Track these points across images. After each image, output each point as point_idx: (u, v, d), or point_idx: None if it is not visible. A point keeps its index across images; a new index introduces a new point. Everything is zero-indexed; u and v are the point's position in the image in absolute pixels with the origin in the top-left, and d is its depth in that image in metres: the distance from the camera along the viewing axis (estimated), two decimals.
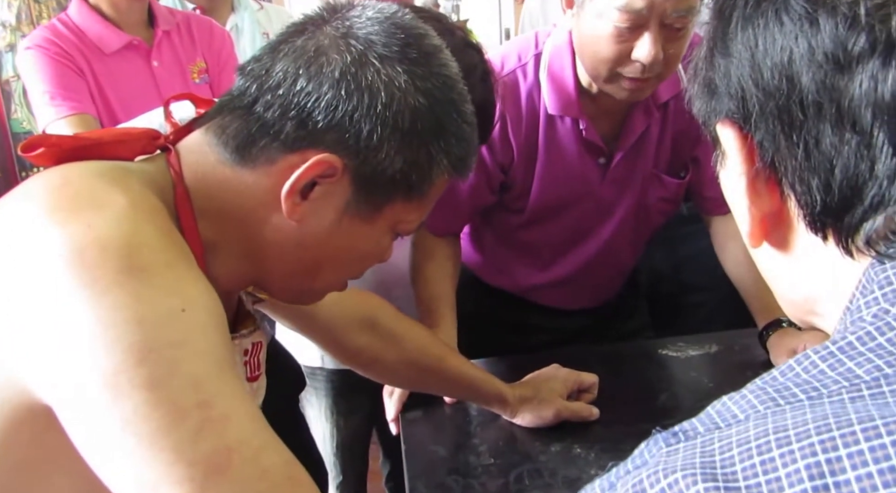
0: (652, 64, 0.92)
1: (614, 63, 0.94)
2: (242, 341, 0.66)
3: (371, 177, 0.56)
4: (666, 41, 0.92)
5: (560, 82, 1.04)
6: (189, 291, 0.48)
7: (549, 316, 1.26)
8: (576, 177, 1.10)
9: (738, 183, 0.38)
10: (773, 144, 0.36)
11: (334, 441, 1.32)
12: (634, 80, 0.94)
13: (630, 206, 1.14)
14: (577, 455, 0.87)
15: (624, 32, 0.91)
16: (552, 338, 1.26)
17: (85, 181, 0.50)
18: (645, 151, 1.09)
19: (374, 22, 0.57)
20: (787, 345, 1.00)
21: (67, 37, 1.38)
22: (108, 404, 0.44)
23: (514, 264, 1.24)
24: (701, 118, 0.41)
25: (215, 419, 0.45)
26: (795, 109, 0.34)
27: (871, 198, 0.33)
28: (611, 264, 1.22)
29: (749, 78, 0.36)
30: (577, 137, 1.07)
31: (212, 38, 1.56)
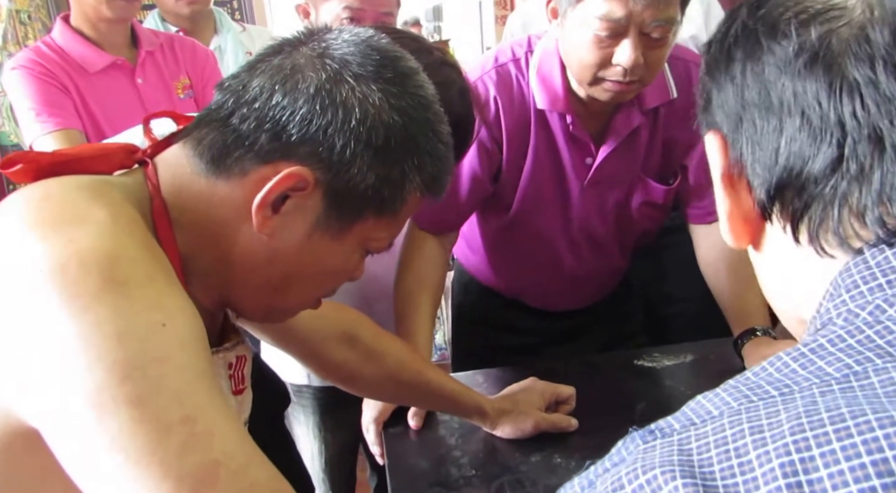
0: (632, 68, 0.96)
1: (597, 67, 0.98)
2: (226, 355, 0.66)
3: (343, 192, 0.57)
4: (646, 48, 0.96)
5: (548, 80, 1.08)
6: (169, 305, 0.49)
7: (541, 318, 1.28)
8: (563, 173, 1.13)
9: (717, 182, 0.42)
10: (740, 140, 0.40)
11: (322, 458, 1.32)
12: (616, 83, 0.99)
13: (615, 207, 1.16)
14: (558, 465, 0.88)
15: (605, 40, 0.96)
16: (544, 340, 1.28)
17: (65, 195, 0.51)
18: (633, 154, 1.12)
19: (350, 44, 0.58)
20: (761, 353, 1.02)
21: (51, 57, 1.40)
22: (94, 423, 0.44)
23: (503, 264, 1.26)
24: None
25: (200, 434, 0.46)
26: (754, 111, 0.39)
27: (806, 185, 0.37)
28: (598, 264, 1.24)
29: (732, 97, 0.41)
30: (565, 132, 1.10)
31: (195, 56, 1.58)
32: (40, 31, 2.50)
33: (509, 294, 1.30)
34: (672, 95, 1.10)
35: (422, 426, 1.00)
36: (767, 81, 0.39)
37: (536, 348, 1.28)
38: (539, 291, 1.27)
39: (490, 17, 3.83)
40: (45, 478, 0.50)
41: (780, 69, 0.39)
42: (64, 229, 0.47)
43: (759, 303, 1.09)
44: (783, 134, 0.38)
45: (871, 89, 0.36)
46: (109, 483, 0.45)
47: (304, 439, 1.32)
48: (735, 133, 0.41)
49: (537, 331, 1.30)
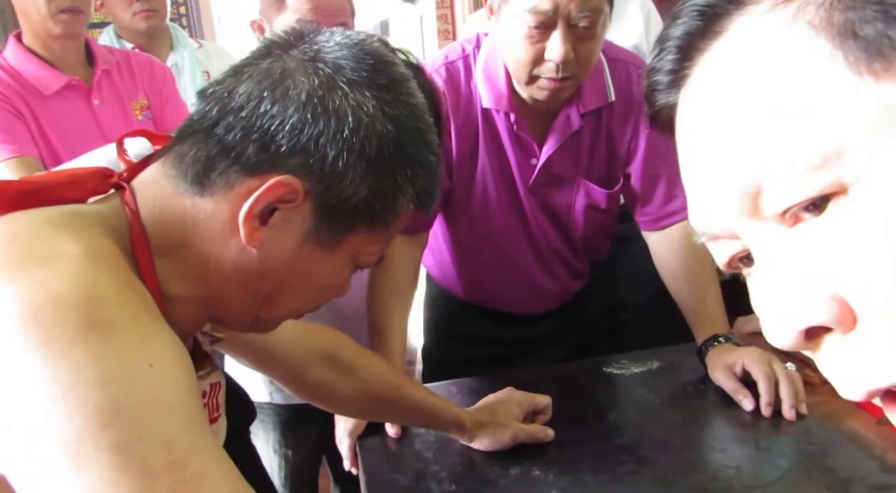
0: (564, 63, 1.00)
1: (530, 64, 1.02)
2: (201, 383, 0.64)
3: (334, 204, 0.55)
4: (575, 41, 1.00)
5: (493, 79, 1.11)
6: (155, 345, 0.46)
7: (509, 326, 1.31)
8: (510, 173, 1.16)
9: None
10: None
11: (282, 472, 1.32)
12: (551, 80, 1.02)
13: (560, 210, 1.20)
14: (537, 478, 0.89)
15: (534, 33, 0.99)
16: (513, 350, 1.30)
17: (33, 232, 0.47)
18: (576, 156, 1.16)
19: (343, 47, 0.56)
20: (724, 361, 1.06)
21: (4, 80, 1.36)
22: (70, 474, 0.41)
23: (464, 266, 1.28)
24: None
25: (189, 480, 0.43)
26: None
27: None
28: (554, 266, 1.27)
29: None
30: (510, 132, 1.13)
31: (153, 73, 1.56)
32: None
33: (475, 299, 1.32)
34: (610, 98, 1.14)
35: (400, 434, 1.00)
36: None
37: (506, 358, 1.30)
38: (501, 293, 1.29)
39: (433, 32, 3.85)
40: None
41: None
42: (34, 271, 0.44)
43: (720, 309, 1.13)
44: None
45: None
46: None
47: (265, 454, 1.32)
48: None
49: (506, 341, 1.32)
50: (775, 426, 0.97)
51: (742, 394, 1.01)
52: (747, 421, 0.99)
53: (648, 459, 0.91)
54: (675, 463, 0.90)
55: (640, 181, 1.19)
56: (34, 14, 1.38)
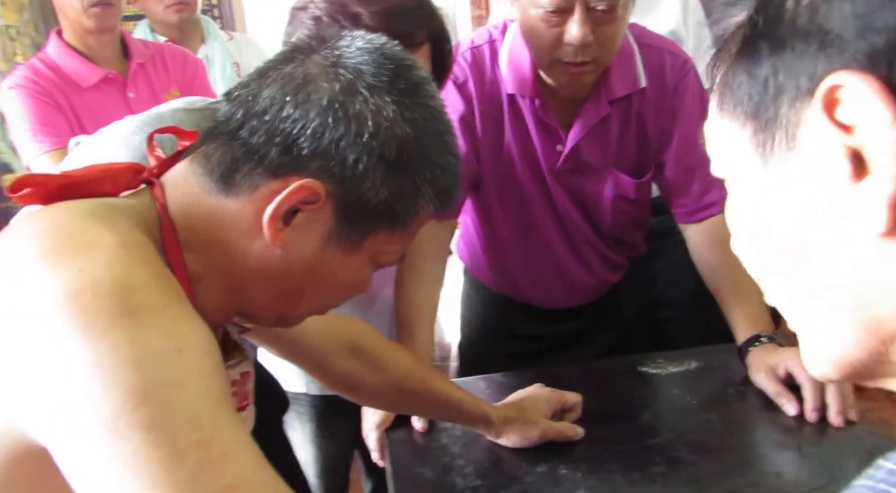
0: (583, 46, 0.97)
1: (550, 47, 1.00)
2: (230, 372, 0.66)
3: (355, 206, 0.56)
4: (595, 24, 0.97)
5: (518, 64, 1.09)
6: (184, 330, 0.48)
7: (544, 321, 1.29)
8: (536, 159, 1.14)
9: (883, 140, 0.29)
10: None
11: (318, 464, 1.32)
12: (571, 64, 1.00)
13: (588, 198, 1.17)
14: (564, 476, 0.88)
15: (552, 17, 0.97)
16: (548, 346, 1.29)
17: (74, 223, 0.50)
18: (604, 144, 1.13)
19: (364, 52, 0.57)
20: (766, 362, 1.02)
21: (46, 74, 1.42)
22: (108, 447, 0.44)
23: (495, 257, 1.27)
24: (784, 81, 0.33)
25: (215, 459, 0.45)
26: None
27: None
28: (585, 256, 1.24)
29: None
30: (535, 118, 1.11)
31: (185, 66, 1.59)
32: (29, 47, 2.49)
33: (507, 292, 1.30)
34: (640, 84, 1.11)
35: (427, 428, 0.99)
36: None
37: (540, 354, 1.28)
38: (533, 284, 1.27)
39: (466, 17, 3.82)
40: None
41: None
42: (75, 259, 0.47)
43: (763, 307, 1.08)
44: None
45: None
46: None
47: (300, 445, 1.32)
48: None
49: (540, 336, 1.30)
50: (821, 432, 0.93)
51: (785, 398, 0.97)
52: (790, 426, 0.95)
53: (682, 460, 0.89)
54: (710, 466, 0.87)
55: (675, 171, 1.15)
56: (70, 10, 1.43)
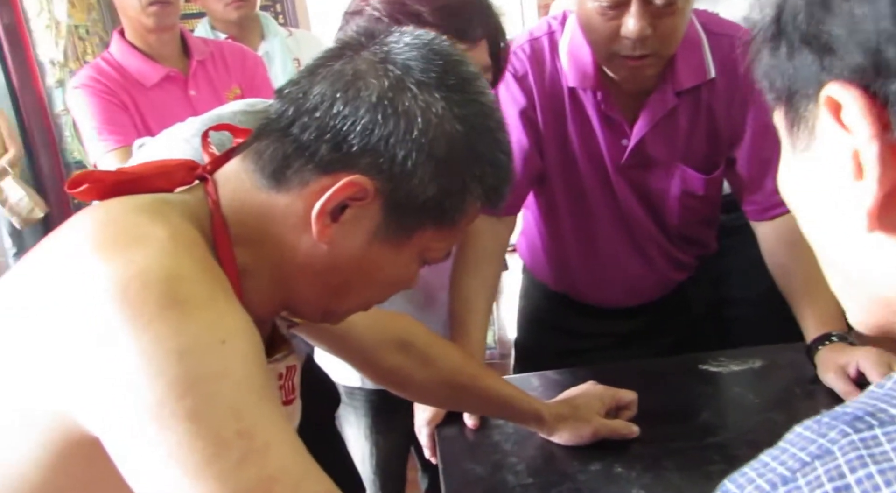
0: (641, 40, 0.93)
1: (607, 41, 0.97)
2: (277, 366, 0.67)
3: (403, 203, 0.56)
4: (654, 17, 0.93)
5: (578, 57, 1.06)
6: (228, 323, 0.49)
7: (603, 319, 1.26)
8: (599, 154, 1.11)
9: (867, 150, 0.31)
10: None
11: (374, 459, 1.32)
12: (629, 58, 0.96)
13: (654, 195, 1.13)
14: (618, 475, 0.86)
15: (608, 10, 0.94)
16: (607, 343, 1.25)
17: (127, 217, 0.52)
18: (672, 138, 1.09)
19: (413, 48, 0.57)
20: (836, 361, 0.97)
21: (110, 74, 1.46)
22: (153, 437, 0.45)
23: (555, 255, 1.24)
24: (792, 84, 0.36)
25: (257, 449, 0.46)
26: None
27: None
28: (648, 255, 1.20)
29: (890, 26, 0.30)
30: (598, 112, 1.08)
31: (244, 62, 1.62)
32: (97, 46, 2.60)
33: (565, 290, 1.27)
34: (709, 75, 1.05)
35: (478, 425, 0.98)
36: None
37: (598, 352, 1.25)
38: (591, 283, 1.24)
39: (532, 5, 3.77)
40: (102, 487, 0.52)
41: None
42: (126, 251, 0.48)
43: (835, 306, 1.02)
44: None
45: None
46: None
47: (356, 440, 1.33)
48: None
49: (601, 334, 1.27)
50: None
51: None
52: None
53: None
54: None
55: (748, 166, 1.10)
56: (129, 9, 1.46)
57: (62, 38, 2.50)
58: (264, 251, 0.58)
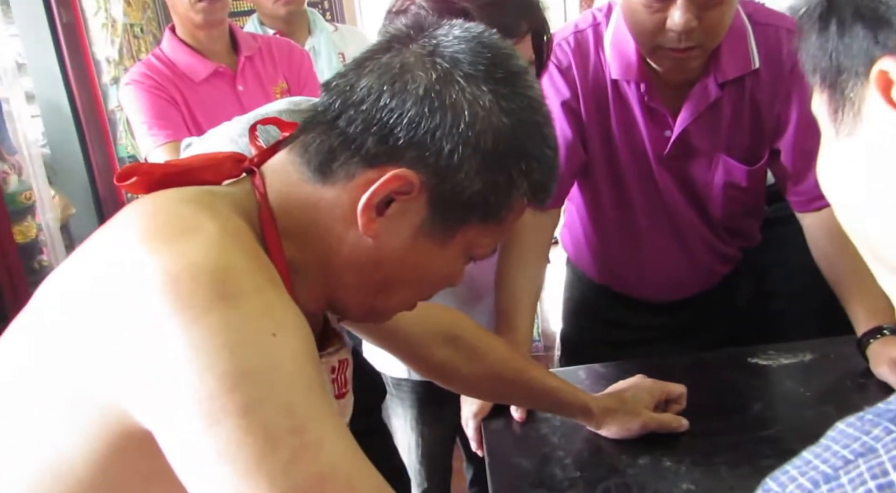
0: (686, 33, 0.92)
1: (652, 34, 0.95)
2: (329, 360, 0.67)
3: (448, 197, 0.56)
4: (700, 9, 0.91)
5: (622, 49, 1.05)
6: (278, 315, 0.48)
7: (650, 313, 1.25)
8: (642, 146, 1.10)
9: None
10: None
11: (419, 450, 1.34)
12: (674, 50, 0.95)
13: (697, 186, 1.12)
14: (668, 469, 0.85)
15: (653, 3, 0.92)
16: (654, 336, 1.24)
17: (176, 209, 0.52)
18: (715, 129, 1.07)
19: (461, 40, 0.56)
20: (889, 354, 0.95)
21: (161, 70, 1.49)
22: (203, 431, 0.44)
23: (598, 247, 1.24)
24: (840, 63, 0.35)
25: (308, 445, 0.45)
26: None
27: None
28: (691, 247, 1.18)
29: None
30: (641, 103, 1.07)
31: (291, 57, 1.64)
32: (151, 44, 2.66)
33: (610, 283, 1.27)
34: (754, 65, 1.03)
35: (525, 418, 0.98)
36: None
37: (644, 345, 1.24)
38: (635, 276, 1.23)
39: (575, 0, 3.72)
40: (154, 481, 0.51)
41: None
42: (175, 243, 0.48)
43: (885, 298, 1.00)
44: None
45: None
46: (217, 491, 0.45)
47: (402, 431, 1.34)
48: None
49: (646, 327, 1.26)
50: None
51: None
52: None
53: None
54: None
55: (792, 158, 1.07)
56: (179, 6, 1.49)
57: (118, 37, 2.57)
58: (311, 244, 0.58)
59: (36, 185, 2.49)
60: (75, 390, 0.49)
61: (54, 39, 2.57)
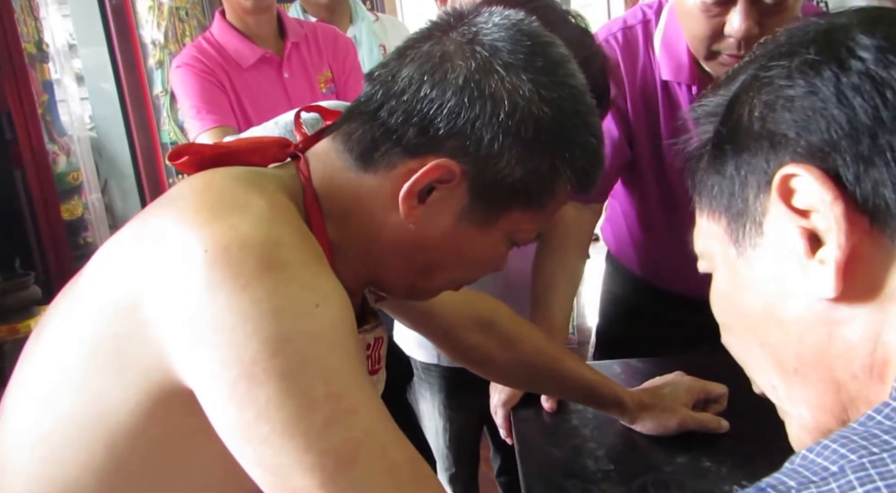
0: (747, 39, 0.88)
1: (709, 40, 0.92)
2: (366, 336, 0.68)
3: (489, 185, 0.57)
4: (762, 15, 0.87)
5: (673, 49, 1.02)
6: (323, 288, 0.50)
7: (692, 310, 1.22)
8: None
9: (831, 213, 0.35)
10: (864, 168, 0.35)
11: (447, 435, 1.35)
12: (732, 57, 0.91)
13: None
14: (707, 469, 0.83)
15: (712, 7, 0.89)
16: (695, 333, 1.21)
17: (226, 185, 0.54)
18: None
19: (501, 28, 0.56)
20: None
21: (210, 54, 1.51)
22: (245, 392, 0.46)
23: (642, 243, 1.22)
24: (741, 184, 0.40)
25: (344, 411, 0.47)
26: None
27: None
28: None
29: (834, 110, 0.35)
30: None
31: (336, 46, 1.65)
32: (196, 28, 2.70)
33: (651, 278, 1.25)
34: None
35: (556, 409, 0.97)
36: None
37: (684, 342, 1.21)
38: (679, 272, 1.20)
39: None
40: (193, 436, 0.53)
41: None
42: (226, 216, 0.50)
43: None
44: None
45: None
46: (256, 450, 0.47)
47: (429, 415, 1.35)
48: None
49: (687, 323, 1.23)
50: None
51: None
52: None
53: None
54: None
55: None
56: None
57: (164, 20, 2.62)
58: (353, 227, 0.59)
59: (83, 166, 2.55)
60: (123, 348, 0.51)
61: (104, 21, 2.62)
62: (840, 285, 0.35)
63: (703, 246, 0.46)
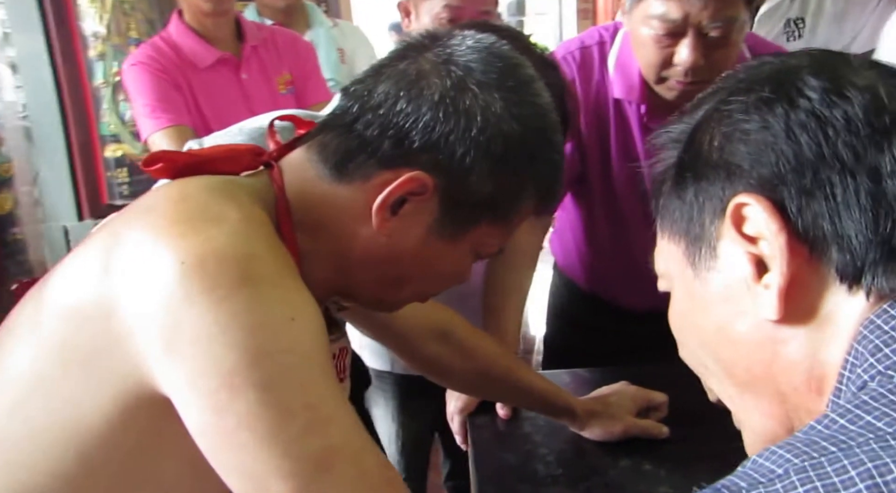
0: (693, 69, 0.96)
1: (659, 67, 0.99)
2: (331, 347, 0.68)
3: (460, 199, 0.59)
4: (707, 48, 0.95)
5: (625, 69, 1.09)
6: (296, 301, 0.52)
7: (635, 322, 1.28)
8: (640, 165, 1.13)
9: (776, 241, 0.38)
10: (805, 201, 0.38)
11: (399, 441, 1.37)
12: (680, 82, 0.99)
13: None
14: (647, 472, 0.88)
15: (663, 39, 0.96)
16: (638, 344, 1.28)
17: (200, 196, 0.54)
18: None
19: (474, 50, 0.59)
20: None
21: (167, 53, 1.49)
22: (226, 401, 0.48)
23: (588, 258, 1.27)
24: (699, 209, 0.43)
25: (320, 421, 0.49)
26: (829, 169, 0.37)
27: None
28: None
29: (783, 145, 0.38)
30: (640, 123, 1.11)
31: (296, 49, 1.64)
32: (142, 21, 2.63)
33: (597, 291, 1.30)
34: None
35: (510, 416, 1.01)
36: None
37: (628, 353, 1.27)
38: (624, 287, 1.27)
39: (572, 10, 3.77)
40: (165, 444, 0.54)
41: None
42: (201, 228, 0.51)
43: None
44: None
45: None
46: (234, 457, 0.49)
47: (382, 422, 1.37)
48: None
49: (631, 335, 1.29)
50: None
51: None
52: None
53: None
54: None
55: None
56: None
57: (107, 13, 2.54)
58: (324, 238, 0.60)
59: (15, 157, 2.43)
60: (89, 354, 0.52)
61: (40, 8, 2.52)
62: (782, 309, 0.38)
63: (663, 267, 0.49)
